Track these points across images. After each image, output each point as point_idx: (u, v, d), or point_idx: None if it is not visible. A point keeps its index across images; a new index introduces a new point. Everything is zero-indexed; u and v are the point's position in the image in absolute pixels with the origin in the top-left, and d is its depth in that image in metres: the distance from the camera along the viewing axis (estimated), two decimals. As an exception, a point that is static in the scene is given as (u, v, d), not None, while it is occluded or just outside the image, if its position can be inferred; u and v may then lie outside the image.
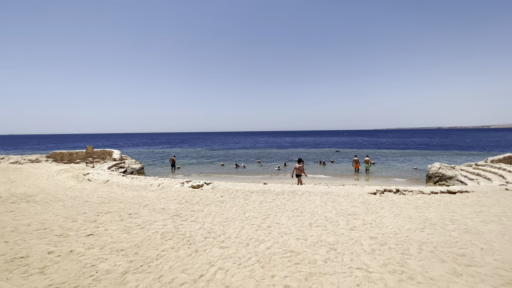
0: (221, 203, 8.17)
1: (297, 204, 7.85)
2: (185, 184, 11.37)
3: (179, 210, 7.34)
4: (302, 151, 43.15)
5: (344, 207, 7.44)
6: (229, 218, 6.52)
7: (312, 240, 5.02)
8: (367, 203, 7.97)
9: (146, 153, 41.83)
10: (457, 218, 6.29)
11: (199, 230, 5.64)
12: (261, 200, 8.54)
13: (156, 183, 11.75)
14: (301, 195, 9.13)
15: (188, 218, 6.55)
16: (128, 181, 12.51)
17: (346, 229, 5.61)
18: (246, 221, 6.26)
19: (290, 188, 10.17)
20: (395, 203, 7.93)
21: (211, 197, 9.11)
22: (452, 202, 8.03)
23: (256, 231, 5.56)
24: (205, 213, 7.01)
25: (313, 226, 5.84)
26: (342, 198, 8.67)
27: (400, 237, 5.08)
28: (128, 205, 7.96)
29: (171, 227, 5.84)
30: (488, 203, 7.77)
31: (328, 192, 9.48)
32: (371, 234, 5.25)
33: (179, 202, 8.35)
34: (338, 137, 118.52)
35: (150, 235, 5.32)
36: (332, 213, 6.84)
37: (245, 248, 4.71)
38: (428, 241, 4.88)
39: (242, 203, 8.18)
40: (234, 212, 7.07)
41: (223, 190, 10.23)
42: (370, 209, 7.20)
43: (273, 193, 9.58)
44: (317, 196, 8.93)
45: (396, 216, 6.53)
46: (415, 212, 6.91)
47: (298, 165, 11.94)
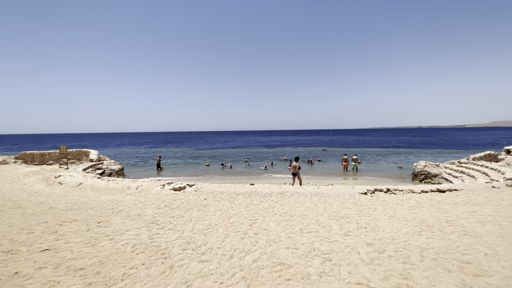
0: (204, 207, 7.51)
1: (286, 207, 7.34)
2: (166, 187, 10.58)
3: (156, 216, 6.61)
4: (290, 150, 43.00)
5: (336, 209, 7.00)
6: (212, 225, 5.88)
7: (304, 249, 4.50)
8: (359, 204, 7.59)
9: (129, 153, 40.07)
10: (452, 219, 6.01)
11: (177, 240, 4.97)
12: (247, 203, 7.96)
13: (134, 186, 10.87)
14: (290, 197, 8.64)
15: (165, 226, 5.85)
16: (104, 183, 11.52)
17: (340, 234, 5.14)
18: (230, 228, 5.65)
19: (278, 189, 9.65)
20: (387, 204, 7.60)
21: (193, 200, 8.42)
22: (444, 201, 7.82)
23: (241, 240, 4.97)
24: (185, 219, 6.33)
25: (305, 232, 5.33)
26: (333, 199, 8.26)
27: (399, 243, 4.67)
28: (99, 212, 7.12)
29: (145, 237, 5.13)
30: (479, 202, 7.62)
31: (318, 193, 9.05)
32: (368, 240, 4.81)
33: (158, 207, 7.61)
34: (324, 136, 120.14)
35: (118, 248, 4.60)
36: (324, 216, 6.37)
37: (229, 261, 4.11)
38: (429, 246, 4.49)
39: (227, 206, 7.56)
40: (218, 217, 6.44)
41: (207, 192, 9.55)
42: (363, 211, 6.80)
43: (261, 194, 9.03)
44: (306, 198, 8.47)
45: (391, 218, 6.16)
46: (409, 213, 6.59)
47: (295, 163, 11.49)
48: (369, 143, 62.22)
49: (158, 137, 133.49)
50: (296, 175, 11.48)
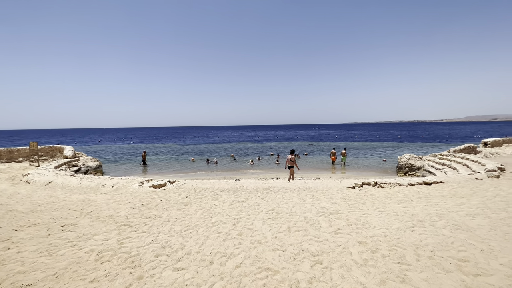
0: (184, 206, 6.96)
1: (272, 203, 6.94)
2: (145, 184, 9.88)
3: (130, 217, 6.00)
4: (277, 145, 42.83)
5: (324, 205, 6.69)
6: (191, 225, 5.37)
7: (292, 250, 4.10)
8: (347, 198, 7.33)
9: (112, 149, 38.29)
10: (442, 212, 5.85)
11: (150, 245, 4.42)
12: (232, 200, 7.49)
13: (110, 183, 10.08)
14: (276, 192, 8.25)
15: (139, 228, 5.27)
16: (76, 182, 10.63)
17: (330, 232, 4.80)
18: (212, 228, 5.17)
19: (264, 185, 9.24)
20: (376, 198, 7.39)
21: (173, 198, 7.83)
22: (431, 194, 7.72)
23: (223, 242, 4.50)
24: (162, 220, 5.76)
25: (292, 230, 4.94)
26: (321, 194, 7.96)
27: (391, 240, 4.39)
28: (66, 213, 6.39)
29: (114, 242, 4.54)
30: (465, 194, 7.58)
31: (306, 188, 8.73)
32: (359, 238, 4.49)
33: (133, 207, 6.97)
34: (310, 130, 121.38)
35: (81, 257, 3.99)
36: (312, 213, 6.03)
37: (208, 268, 3.63)
38: (423, 243, 4.23)
39: (209, 204, 7.05)
40: (199, 217, 5.93)
41: (188, 189, 8.97)
42: (352, 206, 6.53)
43: (246, 190, 8.58)
44: (294, 193, 8.12)
45: (381, 213, 5.92)
46: (399, 207, 6.38)
47: (290, 156, 11.07)
48: (354, 137, 63.37)
49: (144, 133, 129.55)
50: (292, 167, 11.10)
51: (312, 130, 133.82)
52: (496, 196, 7.22)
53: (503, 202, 6.56)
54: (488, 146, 21.42)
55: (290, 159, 11.02)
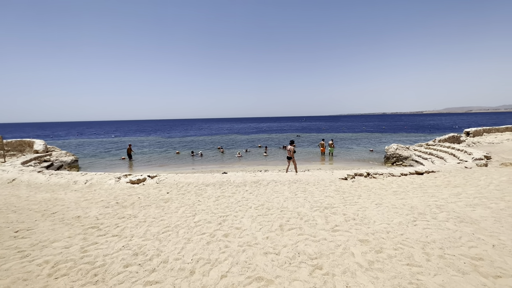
0: (165, 203, 6.26)
1: (262, 198, 6.39)
2: (122, 179, 9.03)
3: (101, 218, 5.25)
4: (264, 137, 42.34)
5: (318, 198, 6.22)
6: (171, 226, 4.71)
7: (286, 253, 3.57)
8: (341, 191, 6.91)
9: (92, 143, 36.22)
10: (441, 203, 5.54)
11: (120, 252, 3.75)
12: (218, 195, 6.87)
13: (82, 180, 9.14)
14: (266, 186, 7.72)
15: (110, 231, 4.55)
16: (44, 178, 9.58)
17: (327, 230, 4.32)
18: (195, 229, 4.54)
19: (253, 178, 8.68)
20: (370, 189, 7.03)
21: (153, 194, 7.10)
22: (425, 184, 7.47)
23: (207, 245, 3.90)
24: (138, 220, 5.07)
25: (285, 229, 4.41)
26: (313, 186, 7.51)
27: (395, 237, 3.96)
28: (25, 216, 5.53)
29: (76, 250, 3.82)
30: (459, 183, 7.39)
31: (297, 180, 8.26)
32: (360, 236, 4.03)
33: (106, 205, 6.19)
34: (297, 122, 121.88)
35: (30, 271, 3.26)
36: (306, 208, 5.54)
37: (188, 280, 3.03)
38: (429, 239, 3.84)
39: (193, 200, 6.40)
40: (180, 216, 5.27)
41: (170, 184, 8.25)
42: (347, 199, 6.10)
43: (233, 184, 7.98)
44: (284, 186, 7.61)
45: (379, 206, 5.52)
46: (396, 199, 6.03)
47: (290, 147, 10.56)
48: (340, 128, 64.06)
49: (128, 126, 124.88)
50: (291, 159, 10.59)
51: (299, 121, 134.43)
52: (489, 184, 7.06)
53: (498, 191, 6.37)
54: (470, 136, 21.97)
55: (289, 150, 10.54)
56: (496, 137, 21.39)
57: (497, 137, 21.81)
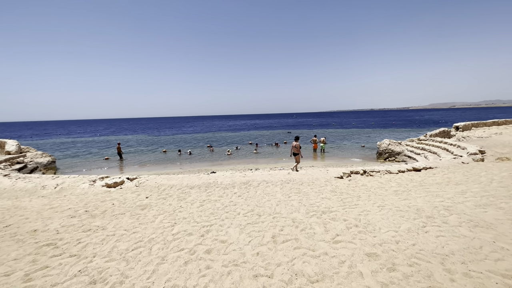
0: (141, 210, 5.50)
1: (252, 202, 5.72)
2: (98, 183, 8.15)
3: (62, 232, 4.44)
4: (255, 134, 41.69)
5: (314, 201, 5.62)
6: (144, 240, 3.98)
7: (281, 274, 2.92)
8: (338, 191, 6.35)
9: (73, 143, 34.45)
10: (448, 204, 5.04)
11: (74, 279, 3.00)
12: (202, 199, 6.15)
13: (53, 183, 8.20)
14: (256, 187, 7.06)
15: (68, 249, 3.77)
16: (9, 183, 8.56)
17: (328, 241, 3.71)
18: (172, 244, 3.83)
19: (242, 178, 8.00)
20: (369, 189, 6.50)
21: (130, 200, 6.31)
22: (425, 182, 7.02)
23: (185, 266, 3.20)
24: (106, 234, 4.30)
25: (279, 241, 3.77)
26: (308, 186, 6.91)
27: (407, 248, 3.39)
28: (-31, 231, 4.64)
29: (18, 278, 3.04)
30: (460, 180, 6.98)
31: (290, 180, 7.64)
32: (366, 248, 3.44)
33: (73, 215, 5.37)
34: (288, 119, 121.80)
35: None
36: (301, 213, 4.92)
37: (154, 320, 2.33)
38: (446, 250, 3.29)
39: (174, 206, 5.66)
40: (157, 226, 4.54)
41: (151, 187, 7.46)
42: (346, 201, 5.53)
43: (221, 186, 7.28)
44: (277, 187, 6.98)
45: (381, 208, 4.97)
46: (398, 200, 5.50)
47: (295, 143, 9.94)
48: (330, 124, 64.21)
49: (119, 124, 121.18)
50: (297, 155, 10.03)
51: (289, 118, 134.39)
52: (491, 181, 6.67)
53: (503, 188, 5.97)
54: (460, 130, 22.09)
55: (295, 146, 9.94)
56: (485, 131, 21.58)
57: (485, 131, 22.03)
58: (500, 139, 16.60)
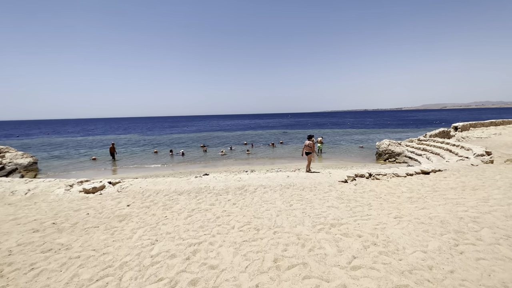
0: (119, 222, 4.69)
1: (248, 212, 4.96)
2: (75, 188, 7.28)
3: (15, 253, 3.61)
4: (250, 133, 40.94)
5: (320, 210, 4.89)
6: (114, 266, 3.18)
7: (289, 322, 2.19)
8: (345, 198, 5.64)
9: (60, 143, 33.07)
10: (474, 214, 4.39)
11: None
12: (192, 207, 5.37)
13: (23, 189, 7.28)
14: (253, 193, 6.31)
15: (14, 281, 2.94)
16: (-26, 188, 7.61)
17: (344, 266, 2.98)
18: (148, 271, 3.05)
19: (237, 182, 7.24)
20: (379, 196, 5.82)
21: (108, 209, 5.48)
22: (438, 186, 6.39)
23: (161, 307, 2.43)
24: (68, 256, 3.48)
25: (283, 267, 3.02)
26: (310, 192, 6.19)
27: (445, 278, 2.70)
28: None
29: None
30: (475, 184, 6.37)
31: (290, 184, 6.91)
32: (394, 278, 2.72)
33: (36, 228, 4.52)
34: (282, 119, 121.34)
35: None
36: (306, 226, 4.19)
37: None
38: (496, 281, 2.61)
39: (158, 217, 4.87)
40: (134, 245, 3.74)
41: (135, 193, 6.63)
42: (356, 210, 4.83)
43: (213, 192, 6.50)
44: (276, 193, 6.24)
45: (399, 220, 4.28)
46: (415, 208, 4.83)
47: (308, 142, 9.34)
48: (325, 124, 63.93)
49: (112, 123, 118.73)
50: (310, 154, 9.54)
51: (284, 118, 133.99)
52: (511, 186, 6.09)
53: (527, 194, 5.37)
54: (458, 130, 21.77)
55: (308, 145, 9.51)
56: (483, 132, 21.30)
57: (484, 131, 21.76)
58: (501, 139, 16.25)
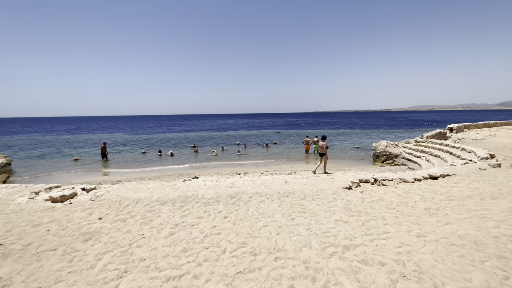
0: (83, 243, 3.80)
1: (243, 229, 4.15)
2: (41, 195, 6.28)
3: None
4: (243, 133, 40.08)
5: (327, 226, 4.14)
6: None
7: None
8: (354, 209, 4.92)
9: (47, 141, 31.27)
10: (510, 232, 3.73)
11: None
12: (175, 221, 4.52)
13: (-21, 198, 6.25)
14: (247, 202, 5.50)
15: None
16: None
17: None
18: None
19: (229, 188, 6.41)
20: (390, 206, 5.12)
21: (76, 223, 4.56)
22: (453, 194, 5.76)
23: None
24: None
25: (291, 317, 2.25)
26: (313, 202, 5.44)
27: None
28: None
29: None
30: (492, 192, 5.77)
31: (289, 192, 6.14)
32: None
33: (-27, 254, 3.58)
34: (275, 119, 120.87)
35: None
36: (314, 248, 3.42)
37: None
38: None
39: (133, 235, 4.00)
40: (94, 280, 2.87)
41: (111, 202, 5.72)
42: (369, 226, 4.10)
43: (201, 201, 5.65)
44: (274, 202, 5.45)
45: (425, 241, 3.56)
46: (437, 223, 4.14)
47: (322, 143, 9.14)
48: (318, 124, 63.74)
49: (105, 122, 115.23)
50: (323, 155, 9.39)
51: (277, 118, 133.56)
52: (531, 193, 5.52)
53: (555, 205, 4.79)
54: (454, 131, 21.61)
55: (322, 146, 9.42)
56: (478, 133, 21.20)
57: (478, 133, 21.67)
58: (497, 141, 16.02)
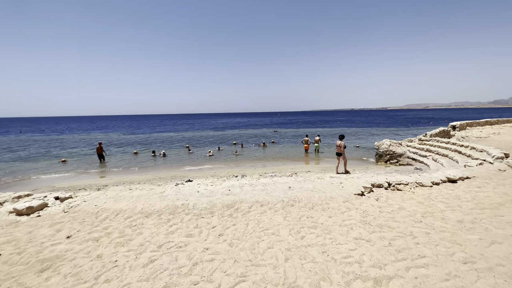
0: (37, 275, 2.94)
1: (242, 252, 3.33)
2: (6, 206, 5.38)
3: None
4: (240, 133, 39.23)
5: (346, 247, 3.34)
6: None
7: None
8: (374, 223, 4.13)
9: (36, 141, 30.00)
10: None
11: None
12: (160, 241, 3.68)
13: None
14: (246, 214, 4.68)
15: None
16: None
17: None
18: None
19: (225, 197, 5.57)
20: (413, 216, 4.35)
21: (38, 243, 3.70)
22: (480, 200, 5.03)
23: None
24: None
25: None
26: (323, 212, 4.64)
27: None
28: None
29: None
30: (526, 199, 5.06)
31: (294, 200, 5.33)
32: None
33: None
34: (272, 118, 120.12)
35: None
36: (336, 283, 2.62)
37: None
38: None
39: (103, 262, 3.15)
40: None
41: (86, 214, 4.85)
42: (399, 247, 3.31)
43: (193, 212, 4.81)
44: (277, 214, 4.64)
45: (476, 270, 2.79)
46: (482, 243, 3.36)
47: (339, 142, 9.21)
48: (315, 123, 63.13)
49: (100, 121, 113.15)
50: (341, 155, 9.25)
51: (274, 117, 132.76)
52: None
53: None
54: (457, 129, 21.06)
55: (339, 145, 9.22)
56: (481, 131, 20.67)
57: (481, 131, 21.14)
58: (503, 139, 15.47)
